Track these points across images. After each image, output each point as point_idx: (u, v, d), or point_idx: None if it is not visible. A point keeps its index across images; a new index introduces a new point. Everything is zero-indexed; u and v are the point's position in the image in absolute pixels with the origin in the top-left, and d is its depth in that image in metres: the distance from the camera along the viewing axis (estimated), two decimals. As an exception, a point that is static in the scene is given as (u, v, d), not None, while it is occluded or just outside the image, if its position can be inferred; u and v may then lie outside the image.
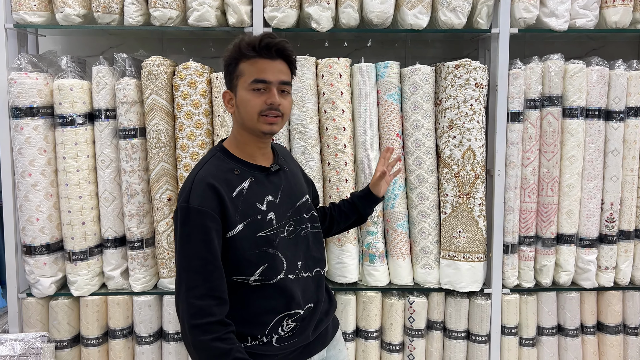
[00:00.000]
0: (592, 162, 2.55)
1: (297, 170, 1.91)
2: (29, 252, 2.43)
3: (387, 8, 2.43)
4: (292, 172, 1.84)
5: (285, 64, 1.66)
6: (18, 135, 2.36)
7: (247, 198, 1.63)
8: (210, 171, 1.62)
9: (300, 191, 1.83)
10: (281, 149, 1.92)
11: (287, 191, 1.76)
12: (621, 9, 2.51)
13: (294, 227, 1.75)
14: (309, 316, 1.77)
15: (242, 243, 1.59)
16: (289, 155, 2.00)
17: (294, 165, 1.93)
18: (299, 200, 1.80)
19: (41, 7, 2.42)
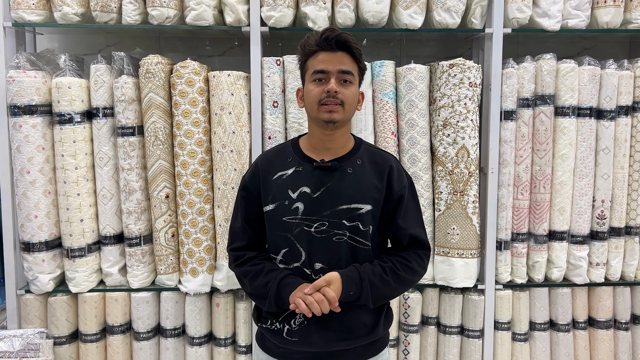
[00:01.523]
0: (584, 160, 2.58)
1: (371, 180, 1.72)
2: (27, 249, 2.44)
3: (382, 8, 2.45)
4: (355, 177, 1.71)
5: (348, 55, 1.64)
6: (16, 133, 2.37)
7: (283, 184, 1.73)
8: (266, 154, 1.84)
9: (351, 196, 1.69)
10: (376, 156, 1.77)
11: (332, 191, 1.69)
12: (612, 9, 2.54)
13: (327, 227, 1.69)
14: (318, 322, 1.69)
15: (271, 221, 1.75)
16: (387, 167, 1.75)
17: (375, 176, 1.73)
18: (344, 204, 1.69)
19: (39, 6, 2.43)
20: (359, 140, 1.80)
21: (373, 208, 1.70)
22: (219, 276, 2.52)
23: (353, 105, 1.68)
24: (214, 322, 2.61)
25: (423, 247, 1.78)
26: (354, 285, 1.64)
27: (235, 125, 2.43)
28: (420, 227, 1.80)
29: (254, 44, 2.44)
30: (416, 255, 1.76)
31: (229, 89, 2.40)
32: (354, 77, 1.66)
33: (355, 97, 1.68)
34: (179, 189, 2.45)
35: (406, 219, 1.76)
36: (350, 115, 1.69)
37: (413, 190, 1.80)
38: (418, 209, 1.81)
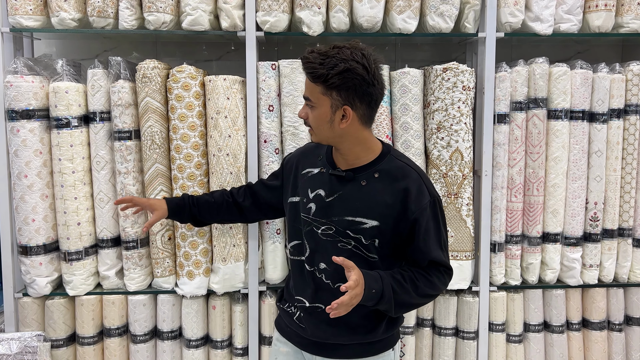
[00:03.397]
0: (577, 163, 2.60)
1: (382, 196, 1.71)
2: (25, 253, 2.46)
3: (376, 13, 2.47)
4: (367, 190, 1.72)
5: (311, 78, 1.64)
6: (14, 137, 2.38)
7: (308, 181, 1.83)
8: (306, 148, 1.97)
9: (357, 210, 1.72)
10: (398, 171, 1.74)
11: (342, 200, 1.74)
12: (604, 13, 2.56)
13: (333, 232, 1.75)
14: (313, 314, 1.84)
15: (291, 213, 1.90)
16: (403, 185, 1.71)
17: (389, 192, 1.71)
18: (349, 216, 1.72)
19: (37, 11, 2.45)
20: (386, 150, 1.77)
21: (380, 224, 1.70)
22: (215, 279, 2.54)
23: (320, 127, 1.68)
24: (211, 324, 2.62)
25: (444, 267, 1.77)
26: (375, 282, 1.63)
27: (231, 129, 2.44)
28: (440, 249, 1.75)
29: (250, 48, 2.46)
30: (437, 271, 1.75)
31: (224, 93, 2.42)
32: (316, 101, 1.65)
33: (319, 119, 1.67)
34: (175, 193, 2.46)
35: (427, 243, 1.72)
36: (325, 135, 1.70)
37: (435, 210, 1.72)
38: (439, 230, 1.75)
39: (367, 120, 1.70)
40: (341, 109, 1.63)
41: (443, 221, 1.77)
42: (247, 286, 2.57)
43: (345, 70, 1.57)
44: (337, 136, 1.70)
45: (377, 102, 1.68)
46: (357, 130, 1.69)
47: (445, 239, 1.77)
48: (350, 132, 1.68)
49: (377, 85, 1.64)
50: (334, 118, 1.65)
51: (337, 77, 1.58)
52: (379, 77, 1.64)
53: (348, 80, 1.59)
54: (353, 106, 1.64)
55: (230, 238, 2.49)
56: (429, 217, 1.71)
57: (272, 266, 2.57)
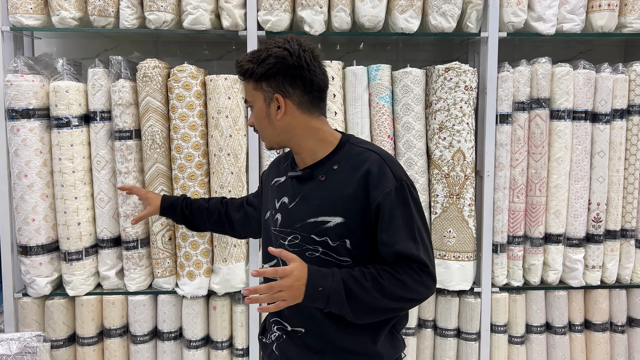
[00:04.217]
0: (579, 163, 2.58)
1: (343, 188, 1.51)
2: (24, 253, 2.44)
3: (378, 12, 2.45)
4: (326, 186, 1.54)
5: (241, 77, 1.57)
6: (14, 136, 2.37)
7: (275, 191, 1.68)
8: (277, 158, 1.82)
9: (317, 208, 1.54)
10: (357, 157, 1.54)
11: (304, 202, 1.57)
12: (607, 13, 2.55)
13: (299, 241, 1.56)
14: (294, 338, 1.60)
15: (263, 230, 1.74)
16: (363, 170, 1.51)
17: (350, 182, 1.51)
18: (311, 217, 1.53)
19: (37, 10, 2.43)
20: (344, 139, 1.59)
21: (346, 220, 1.50)
22: (215, 279, 2.52)
23: (262, 127, 1.58)
24: (211, 325, 2.60)
25: (418, 263, 1.47)
26: (323, 279, 1.42)
27: (232, 128, 2.43)
28: (411, 240, 1.47)
29: (251, 48, 2.45)
30: (407, 267, 1.46)
31: (225, 93, 2.40)
32: (251, 99, 1.56)
33: (258, 117, 1.57)
34: (176, 192, 2.44)
35: (391, 233, 1.48)
36: (269, 134, 1.58)
37: (403, 195, 1.48)
38: (410, 219, 1.48)
39: (308, 107, 1.53)
40: (274, 99, 1.51)
41: (418, 209, 1.51)
42: (247, 287, 2.55)
43: (267, 57, 1.48)
44: (282, 132, 1.56)
45: (313, 86, 1.52)
46: (299, 120, 1.54)
47: (421, 230, 1.50)
48: (292, 124, 1.54)
49: (308, 67, 1.49)
50: (270, 112, 1.53)
51: (260, 66, 1.48)
52: (308, 59, 1.49)
53: (271, 66, 1.48)
54: (285, 93, 1.51)
55: (230, 238, 2.47)
56: (393, 202, 1.46)
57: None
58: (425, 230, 1.52)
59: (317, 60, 1.53)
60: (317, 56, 1.54)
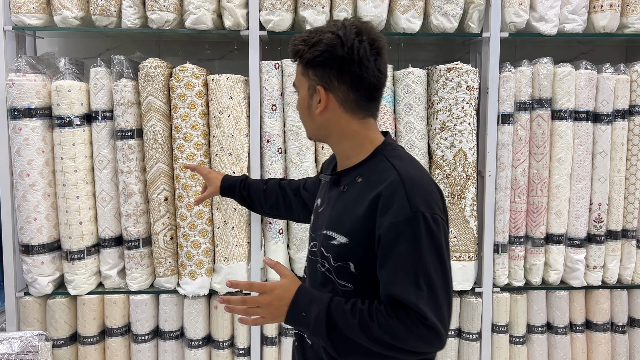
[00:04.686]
0: (581, 164, 2.57)
1: (357, 206, 1.34)
2: (26, 252, 2.43)
3: (380, 12, 2.44)
4: (345, 198, 1.39)
5: (291, 56, 1.42)
6: (16, 136, 2.36)
7: (319, 189, 1.59)
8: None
9: (330, 221, 1.40)
10: (379, 174, 1.34)
11: (327, 209, 1.44)
12: (609, 14, 2.53)
13: (316, 250, 1.44)
14: (306, 347, 1.49)
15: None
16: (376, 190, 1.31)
17: (364, 201, 1.32)
18: (324, 229, 1.41)
19: (39, 10, 2.42)
20: (379, 149, 1.40)
21: (350, 242, 1.33)
22: (217, 279, 2.51)
23: (302, 117, 1.44)
24: (213, 324, 2.59)
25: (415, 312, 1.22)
26: (310, 304, 1.28)
27: (234, 128, 2.41)
28: (411, 284, 1.22)
29: (253, 47, 2.43)
30: (404, 314, 1.23)
31: (227, 93, 2.39)
32: (298, 83, 1.42)
33: (299, 106, 1.43)
34: (177, 192, 2.43)
35: (388, 270, 1.26)
36: (308, 126, 1.46)
37: (414, 230, 1.23)
38: (415, 260, 1.23)
39: (352, 106, 1.36)
40: (317, 91, 1.36)
41: (434, 249, 1.24)
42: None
43: (317, 42, 1.31)
44: (320, 127, 1.42)
45: (362, 84, 1.33)
46: (340, 119, 1.37)
47: (430, 274, 1.23)
48: (331, 122, 1.39)
49: (360, 62, 1.31)
50: (311, 103, 1.39)
51: (310, 50, 1.32)
52: (362, 52, 1.30)
53: (319, 54, 1.31)
54: (329, 86, 1.34)
55: (232, 238, 2.46)
56: (399, 236, 1.23)
57: (275, 266, 2.54)
58: (439, 275, 1.24)
59: (375, 54, 1.33)
60: (379, 48, 1.34)
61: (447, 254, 1.28)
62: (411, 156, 1.43)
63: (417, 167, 1.37)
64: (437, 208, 1.28)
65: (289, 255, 2.58)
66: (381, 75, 1.36)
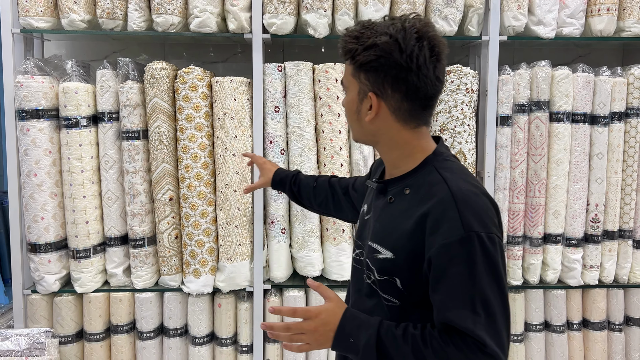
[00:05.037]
0: (578, 165, 2.56)
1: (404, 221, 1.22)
2: (34, 250, 2.43)
3: (381, 15, 2.42)
4: (391, 210, 1.28)
5: (341, 55, 1.28)
6: (24, 136, 2.36)
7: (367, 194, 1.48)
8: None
9: (376, 233, 1.30)
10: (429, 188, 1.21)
11: (373, 218, 1.34)
12: (606, 17, 2.53)
13: (362, 259, 1.34)
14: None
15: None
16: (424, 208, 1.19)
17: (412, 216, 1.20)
18: (370, 240, 1.31)
19: (47, 13, 2.42)
20: (430, 158, 1.27)
21: (396, 258, 1.22)
22: (220, 277, 2.51)
23: (350, 119, 1.32)
24: (216, 322, 2.59)
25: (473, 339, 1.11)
26: (357, 330, 1.18)
27: (238, 129, 2.41)
28: (467, 309, 1.11)
29: (256, 50, 2.44)
30: (461, 341, 1.12)
31: (231, 94, 2.39)
32: (347, 84, 1.30)
33: (347, 108, 1.31)
34: (182, 192, 2.43)
35: (442, 294, 1.15)
36: (355, 130, 1.33)
37: (469, 252, 1.11)
38: (471, 283, 1.11)
39: (405, 116, 1.24)
40: (368, 97, 1.24)
41: (491, 271, 1.12)
42: (252, 284, 2.54)
43: (372, 46, 1.18)
44: (368, 134, 1.30)
45: (418, 93, 1.21)
46: (391, 128, 1.25)
47: (487, 298, 1.11)
48: (381, 130, 1.27)
49: (418, 71, 1.18)
50: (361, 108, 1.26)
51: (363, 53, 1.19)
52: (422, 60, 1.17)
53: (373, 59, 1.19)
54: (382, 94, 1.22)
55: (236, 237, 2.46)
56: (452, 258, 1.12)
57: (277, 265, 2.54)
58: (497, 299, 1.12)
59: (435, 60, 1.20)
60: (439, 54, 1.21)
61: (504, 275, 1.16)
62: (464, 167, 1.30)
63: (469, 181, 1.22)
64: (492, 226, 1.15)
65: (291, 255, 2.58)
66: (439, 84, 1.24)
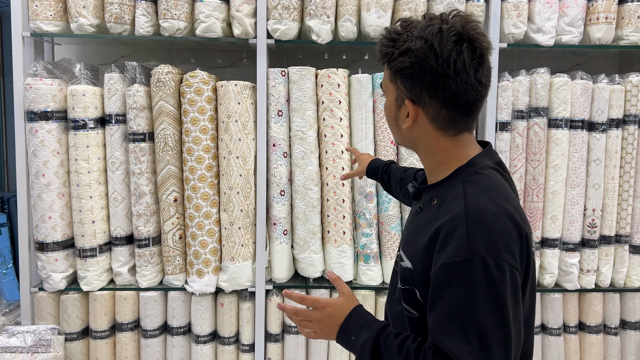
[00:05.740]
0: (576, 171, 2.51)
1: (424, 233, 1.11)
2: (41, 249, 2.39)
3: (383, 22, 2.39)
4: (419, 219, 1.19)
5: (378, 58, 1.17)
6: (33, 137, 2.32)
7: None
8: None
9: (403, 241, 1.23)
10: (449, 202, 1.10)
11: (407, 223, 1.26)
12: (604, 26, 2.47)
13: (397, 266, 1.25)
14: None
15: None
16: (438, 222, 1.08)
17: (431, 229, 1.09)
18: (400, 247, 1.24)
19: (57, 17, 2.39)
20: (461, 169, 1.14)
21: (414, 269, 1.13)
22: (223, 277, 2.46)
23: (389, 123, 1.22)
24: (219, 321, 2.54)
25: None
26: (361, 329, 1.12)
27: (241, 132, 2.37)
28: (459, 334, 0.99)
29: (260, 55, 2.39)
30: None
31: (235, 98, 2.35)
32: (385, 88, 1.19)
33: (386, 113, 1.22)
34: (186, 193, 2.39)
35: (435, 315, 1.04)
36: (395, 135, 1.24)
37: (469, 275, 0.99)
38: (467, 308, 0.99)
39: (444, 124, 1.12)
40: (405, 104, 1.14)
41: (493, 299, 0.99)
42: (254, 285, 2.49)
43: (407, 51, 1.07)
44: (406, 140, 1.21)
45: (457, 100, 1.09)
46: (429, 136, 1.15)
47: (482, 326, 0.98)
48: (419, 138, 1.16)
49: (456, 76, 1.07)
50: (399, 115, 1.16)
51: (399, 59, 1.09)
52: (460, 65, 1.06)
53: (408, 66, 1.08)
54: (419, 101, 1.11)
55: (238, 238, 2.41)
56: (450, 279, 1.01)
57: (279, 266, 2.49)
58: (496, 330, 0.98)
59: (477, 64, 1.09)
60: (482, 56, 1.09)
61: (512, 307, 1.00)
62: (497, 182, 1.12)
63: (494, 198, 1.06)
64: (505, 251, 1.01)
65: (292, 256, 2.53)
66: (482, 88, 1.11)
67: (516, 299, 1.02)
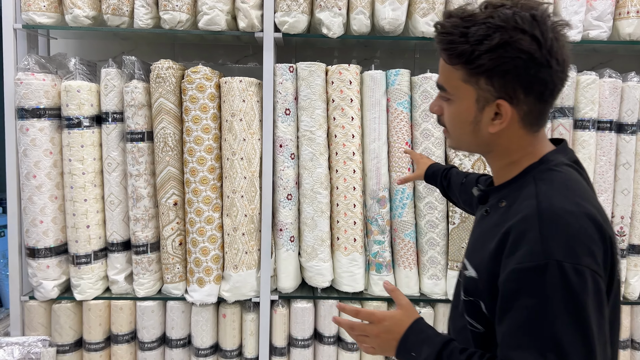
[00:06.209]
0: (603, 175, 2.29)
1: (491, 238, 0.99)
2: (32, 255, 2.19)
3: (399, 15, 2.18)
4: (485, 224, 1.07)
5: (446, 56, 1.00)
6: (23, 136, 2.12)
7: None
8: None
9: (468, 249, 1.12)
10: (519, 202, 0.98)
11: (474, 232, 1.14)
12: (635, 20, 2.25)
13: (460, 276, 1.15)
14: None
15: None
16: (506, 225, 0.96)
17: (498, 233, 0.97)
18: (464, 256, 1.13)
19: (51, 8, 2.19)
20: (533, 166, 1.02)
21: (479, 278, 1.01)
22: (226, 286, 2.25)
23: (459, 129, 1.05)
24: (221, 333, 2.33)
25: None
26: (422, 345, 1.01)
27: (246, 132, 2.16)
28: (532, 349, 0.86)
29: (267, 49, 2.18)
30: None
31: (240, 96, 2.14)
32: (454, 91, 1.02)
33: (458, 118, 1.04)
34: (187, 197, 2.18)
35: (504, 328, 0.92)
36: (465, 140, 1.07)
37: (543, 283, 0.86)
38: (541, 320, 0.86)
39: (533, 120, 1.00)
40: (493, 104, 0.98)
41: (572, 309, 0.85)
42: (258, 295, 2.28)
43: (503, 45, 0.93)
44: (483, 144, 1.05)
45: (553, 92, 0.98)
46: (514, 136, 1.02)
47: (561, 339, 0.85)
48: (502, 139, 1.03)
49: (558, 66, 0.95)
50: (481, 117, 1.00)
51: (488, 55, 0.94)
52: (558, 52, 0.94)
53: (507, 61, 0.93)
54: (513, 99, 0.97)
55: (242, 245, 2.20)
56: (524, 287, 0.88)
57: (285, 274, 2.28)
58: (577, 344, 0.85)
59: (563, 48, 0.97)
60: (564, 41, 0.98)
61: (596, 319, 0.86)
62: (574, 180, 0.99)
63: (572, 197, 0.93)
64: (585, 256, 0.87)
65: (300, 264, 2.32)
66: (564, 76, 0.99)
67: (600, 310, 0.88)
